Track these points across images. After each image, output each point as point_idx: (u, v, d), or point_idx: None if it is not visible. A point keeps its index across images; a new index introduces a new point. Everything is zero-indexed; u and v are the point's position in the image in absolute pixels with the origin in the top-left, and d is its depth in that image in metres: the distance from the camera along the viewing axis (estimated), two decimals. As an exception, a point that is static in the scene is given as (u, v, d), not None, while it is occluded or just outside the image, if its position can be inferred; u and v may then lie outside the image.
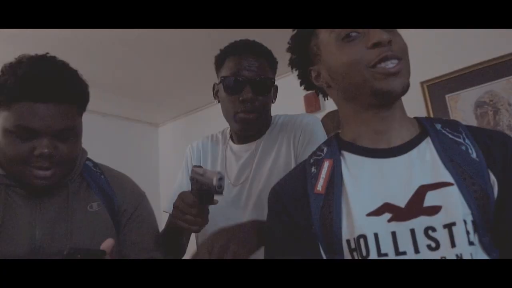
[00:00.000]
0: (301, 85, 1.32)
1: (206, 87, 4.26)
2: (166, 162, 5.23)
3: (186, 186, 1.66)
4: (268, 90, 1.63)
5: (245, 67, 1.59)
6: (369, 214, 1.01)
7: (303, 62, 1.25)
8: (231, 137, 1.78)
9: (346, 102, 1.16)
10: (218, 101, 1.70)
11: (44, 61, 1.31)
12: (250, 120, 1.60)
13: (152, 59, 3.72)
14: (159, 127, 5.44)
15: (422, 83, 3.25)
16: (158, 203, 4.67)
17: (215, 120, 4.25)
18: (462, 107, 3.08)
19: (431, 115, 3.15)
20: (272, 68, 1.68)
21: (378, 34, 1.04)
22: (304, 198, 1.11)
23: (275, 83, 1.71)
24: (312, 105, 3.83)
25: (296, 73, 1.30)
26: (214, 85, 1.73)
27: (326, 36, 1.13)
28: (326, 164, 1.13)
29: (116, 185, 1.49)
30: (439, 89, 3.19)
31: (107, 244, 1.11)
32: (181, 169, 1.81)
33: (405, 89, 1.07)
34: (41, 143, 1.25)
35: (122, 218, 1.45)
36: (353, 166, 1.11)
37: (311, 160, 1.18)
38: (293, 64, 1.30)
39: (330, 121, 3.70)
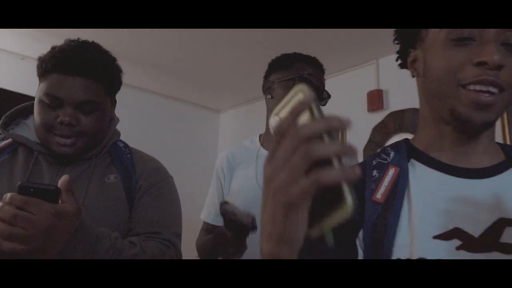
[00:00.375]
0: (396, 61, 1.18)
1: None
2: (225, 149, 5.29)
3: (218, 198, 1.87)
4: (323, 97, 1.85)
5: (309, 73, 1.78)
6: (436, 237, 0.90)
7: (408, 39, 1.11)
8: (261, 144, 1.90)
9: (429, 106, 1.04)
10: (272, 97, 1.84)
11: (81, 42, 1.45)
12: None
13: (219, 45, 3.76)
14: (221, 114, 5.51)
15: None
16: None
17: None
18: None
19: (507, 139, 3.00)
20: (322, 79, 1.89)
21: (490, 53, 0.89)
22: (361, 203, 1.00)
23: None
24: (375, 103, 3.76)
25: (396, 47, 1.17)
26: (265, 82, 1.91)
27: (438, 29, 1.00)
28: (391, 172, 1.02)
29: (139, 164, 1.54)
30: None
31: (63, 180, 1.13)
32: (213, 178, 1.94)
33: (489, 125, 0.94)
34: (65, 111, 1.37)
35: (137, 194, 1.48)
36: (423, 178, 1.00)
37: (374, 162, 1.07)
38: (397, 35, 1.15)
39: (392, 121, 3.63)
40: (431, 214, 0.92)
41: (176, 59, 4.09)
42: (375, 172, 1.04)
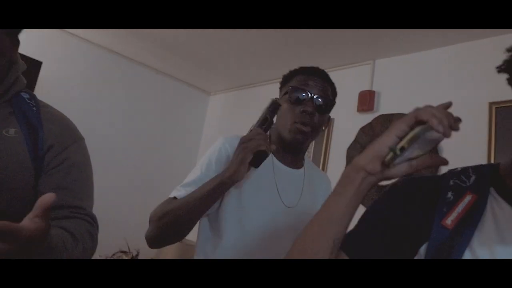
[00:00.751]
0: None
1: (264, 65, 4.29)
2: (210, 131, 5.28)
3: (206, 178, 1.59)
4: (328, 111, 1.71)
5: (312, 85, 1.67)
6: None
7: None
8: (273, 154, 1.75)
9: None
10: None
11: None
12: (306, 132, 1.66)
13: (216, 30, 3.73)
14: (211, 95, 5.48)
15: (491, 104, 3.04)
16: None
17: (264, 100, 4.28)
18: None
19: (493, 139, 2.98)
20: (333, 95, 1.75)
21: None
22: (427, 219, 0.95)
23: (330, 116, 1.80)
24: (365, 104, 3.75)
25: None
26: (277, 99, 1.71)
27: None
28: (468, 198, 0.95)
29: (47, 119, 1.35)
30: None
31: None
32: (208, 159, 1.65)
33: None
34: None
35: (47, 155, 1.30)
36: (498, 212, 0.92)
37: (451, 182, 1.00)
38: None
39: (380, 124, 3.63)
40: (498, 252, 0.87)
41: (174, 35, 4.05)
42: (450, 194, 0.98)
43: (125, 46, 4.51)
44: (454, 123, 0.83)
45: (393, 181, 1.01)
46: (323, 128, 1.75)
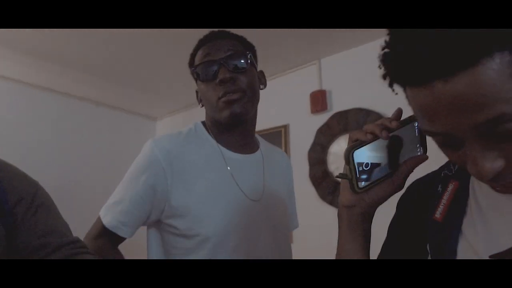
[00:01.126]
0: None
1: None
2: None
3: (142, 205, 1.42)
4: (251, 65, 1.47)
5: (216, 50, 1.44)
6: (492, 256, 0.79)
7: None
8: (216, 140, 1.53)
9: None
10: (203, 105, 1.52)
11: None
12: (235, 101, 1.40)
13: (154, 50, 3.56)
14: (157, 121, 5.30)
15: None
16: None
17: None
18: None
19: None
20: (248, 48, 1.52)
21: None
22: (426, 218, 0.93)
23: (258, 69, 1.55)
24: (318, 104, 3.66)
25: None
26: (196, 91, 1.57)
27: None
28: (451, 187, 0.92)
29: (3, 174, 1.28)
30: None
31: None
32: (136, 173, 1.47)
33: None
34: None
35: (16, 209, 1.25)
36: (481, 194, 0.87)
37: (442, 174, 0.98)
38: None
39: (337, 122, 3.55)
40: (485, 236, 0.82)
41: (106, 61, 3.85)
42: (439, 187, 0.95)
43: (58, 80, 4.29)
44: (390, 123, 0.90)
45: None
46: (261, 86, 1.53)
